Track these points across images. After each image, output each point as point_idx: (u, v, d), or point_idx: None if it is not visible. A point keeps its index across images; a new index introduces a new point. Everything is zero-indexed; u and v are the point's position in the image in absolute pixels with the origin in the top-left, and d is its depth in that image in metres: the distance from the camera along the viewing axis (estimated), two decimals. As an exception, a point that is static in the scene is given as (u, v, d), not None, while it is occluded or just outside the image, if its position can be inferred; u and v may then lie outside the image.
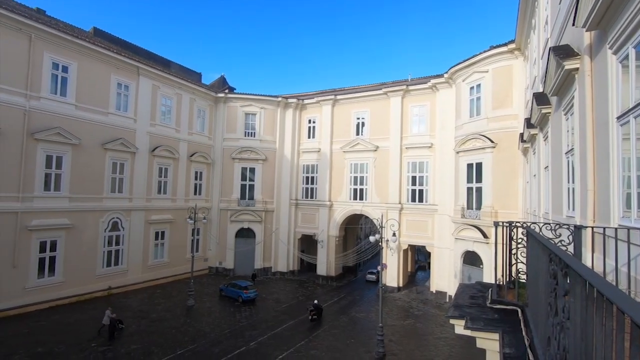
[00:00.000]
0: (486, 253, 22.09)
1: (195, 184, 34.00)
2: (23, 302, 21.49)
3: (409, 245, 30.86)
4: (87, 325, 19.97)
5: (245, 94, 35.84)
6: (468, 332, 5.65)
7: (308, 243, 36.29)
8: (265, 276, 34.13)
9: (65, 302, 23.29)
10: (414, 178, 30.34)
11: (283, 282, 32.66)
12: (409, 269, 35.88)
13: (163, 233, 30.77)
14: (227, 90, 36.94)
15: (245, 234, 34.58)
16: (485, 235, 22.12)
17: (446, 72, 27.46)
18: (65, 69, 23.83)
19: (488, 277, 21.17)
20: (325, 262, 33.55)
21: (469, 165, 24.32)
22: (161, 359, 16.41)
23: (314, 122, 35.97)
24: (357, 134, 33.42)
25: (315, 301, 24.11)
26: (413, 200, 30.19)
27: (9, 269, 20.96)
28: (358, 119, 33.57)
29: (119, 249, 27.25)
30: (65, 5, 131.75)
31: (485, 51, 23.54)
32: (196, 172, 34.03)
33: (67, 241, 23.82)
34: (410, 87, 30.64)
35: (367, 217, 34.38)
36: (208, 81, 42.22)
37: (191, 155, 33.11)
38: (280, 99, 35.60)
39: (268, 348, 18.15)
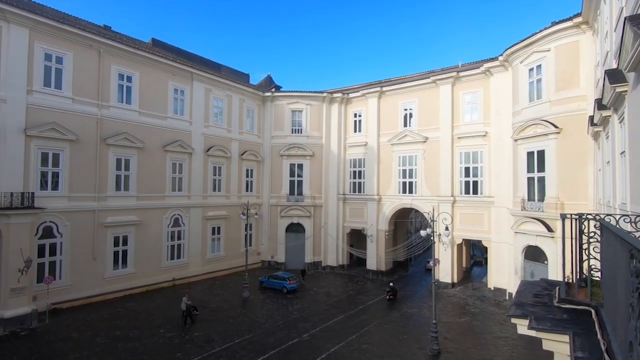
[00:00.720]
0: (551, 248, 20.40)
1: (247, 181, 35.44)
2: (103, 290, 24.05)
3: (463, 239, 29.48)
4: (156, 313, 21.83)
5: (291, 91, 36.47)
6: (532, 333, 5.28)
7: (357, 237, 36.20)
8: (315, 270, 34.71)
9: (136, 291, 25.64)
10: (467, 169, 28.85)
11: (333, 276, 32.97)
12: (464, 265, 34.33)
13: (219, 228, 32.55)
14: (273, 89, 37.88)
15: (295, 228, 35.38)
16: (549, 229, 20.44)
17: (501, 55, 25.64)
18: (129, 79, 26.01)
19: (554, 274, 19.57)
20: (375, 257, 33.24)
21: (530, 154, 22.55)
22: (221, 347, 17.43)
23: (359, 116, 35.61)
24: (405, 125, 32.50)
25: (391, 283, 26.75)
26: (467, 192, 28.74)
27: (90, 260, 23.55)
28: (405, 110, 32.61)
29: (181, 244, 29.35)
30: (129, 20, 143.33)
31: (546, 28, 21.55)
32: (247, 170, 35.44)
33: (136, 236, 26.16)
34: (461, 74, 29.06)
35: (417, 211, 33.43)
36: (255, 81, 43.58)
37: (242, 154, 34.53)
38: (325, 94, 35.72)
39: (320, 340, 18.48)
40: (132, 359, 15.98)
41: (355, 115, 35.97)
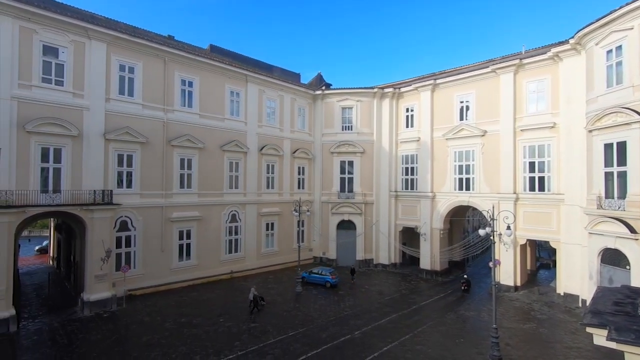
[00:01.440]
0: (635, 251, 18.17)
1: (299, 179, 36.22)
2: (170, 280, 26.19)
3: (528, 240, 27.33)
4: (216, 303, 23.27)
5: (341, 88, 36.46)
6: (612, 345, 4.78)
7: (410, 235, 35.29)
8: (366, 268, 34.49)
9: (198, 282, 27.52)
10: (531, 164, 26.66)
11: (385, 275, 32.51)
12: (528, 267, 31.87)
13: (272, 224, 33.72)
14: (323, 87, 38.20)
15: (346, 225, 35.44)
16: (632, 230, 18.19)
17: (572, 38, 23.24)
18: (190, 84, 27.88)
19: (638, 280, 17.42)
20: (429, 256, 32.13)
21: (607, 146, 20.22)
22: (276, 338, 18.09)
23: (412, 111, 34.55)
24: (461, 119, 30.89)
25: (465, 275, 28.16)
26: (532, 189, 26.58)
27: (159, 252, 25.75)
28: (461, 102, 30.97)
29: (238, 238, 30.91)
30: (189, 29, 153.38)
31: (628, 3, 19.08)
32: (299, 168, 36.21)
33: (198, 230, 28.06)
34: (525, 61, 26.84)
35: (474, 209, 31.68)
36: (306, 80, 44.27)
37: (294, 152, 35.35)
38: (376, 89, 35.20)
39: (372, 339, 18.37)
40: (196, 344, 17.22)
41: (407, 110, 34.97)
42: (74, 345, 16.91)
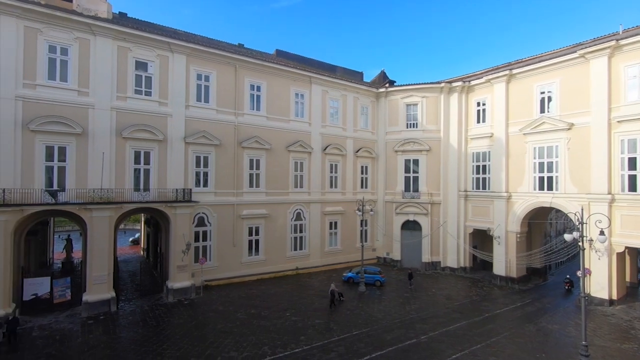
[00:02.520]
0: None
1: (362, 178, 36.07)
2: (241, 273, 27.96)
3: (627, 247, 23.78)
4: (283, 297, 24.24)
5: (405, 85, 35.43)
6: None
7: (481, 238, 33.00)
8: (433, 270, 33.09)
9: (266, 276, 28.95)
10: (632, 160, 23.12)
11: (454, 279, 30.84)
12: (628, 279, 27.74)
13: (336, 223, 34.07)
14: (387, 85, 37.46)
15: (411, 226, 34.39)
16: None
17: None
18: (258, 88, 29.41)
19: None
20: (504, 261, 29.68)
21: None
22: (340, 336, 18.27)
23: (483, 105, 32.22)
24: (542, 111, 27.98)
25: (567, 275, 28.18)
26: (632, 189, 23.05)
27: (231, 247, 27.64)
28: (542, 93, 28.05)
29: (302, 236, 31.83)
30: (258, 36, 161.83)
31: None
32: (362, 167, 36.06)
33: (265, 228, 29.52)
34: (623, 42, 23.36)
35: (558, 211, 28.48)
36: (369, 78, 43.81)
37: (357, 151, 35.30)
38: (443, 84, 33.54)
39: (440, 345, 17.59)
40: (264, 335, 18.15)
41: (478, 104, 32.70)
42: (161, 327, 18.95)
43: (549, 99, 27.68)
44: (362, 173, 36.12)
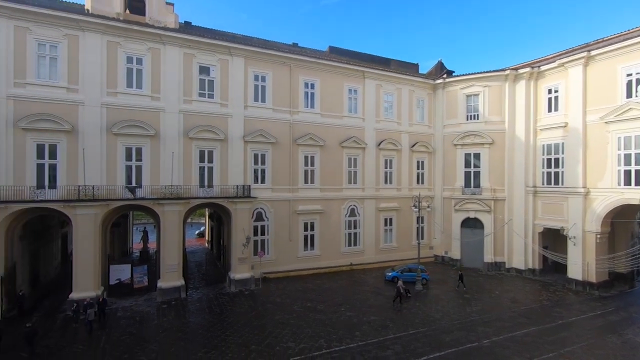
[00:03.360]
0: None
1: (418, 173, 34.97)
2: (297, 267, 28.78)
3: None
4: (337, 292, 24.50)
5: (465, 74, 33.47)
6: None
7: (553, 238, 30.16)
8: (496, 271, 31.06)
9: (321, 271, 29.44)
10: None
11: (520, 281, 28.66)
12: None
13: (391, 220, 33.48)
14: (445, 75, 35.69)
15: (471, 224, 32.58)
16: None
17: None
18: (312, 86, 29.84)
19: None
20: (580, 264, 26.83)
21: None
22: (395, 334, 18.01)
23: (555, 92, 29.28)
24: (629, 96, 24.66)
25: None
26: None
27: (287, 241, 28.54)
28: (629, 75, 24.69)
29: (357, 232, 31.80)
30: (311, 33, 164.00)
31: None
32: (418, 162, 34.93)
33: (320, 223, 29.99)
34: None
35: (650, 209, 24.96)
36: (425, 70, 42.12)
37: (412, 146, 34.26)
38: (507, 71, 31.10)
39: (505, 350, 16.52)
40: (320, 328, 18.53)
41: (549, 92, 29.79)
42: (224, 315, 20.26)
43: (638, 81, 24.32)
44: (418, 168, 35.00)
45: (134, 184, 23.29)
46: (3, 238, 19.25)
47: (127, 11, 24.58)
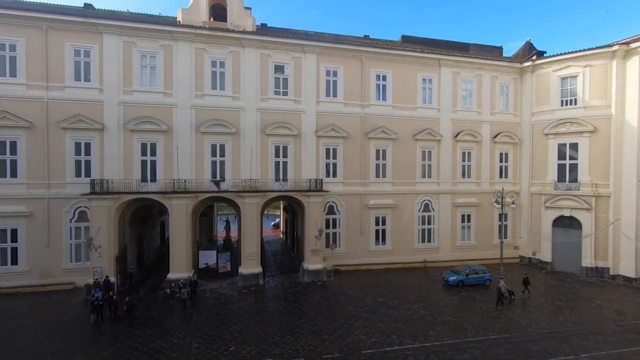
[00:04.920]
0: None
1: (501, 167, 32.16)
2: (368, 261, 28.74)
3: None
4: (410, 289, 23.89)
5: (560, 54, 29.57)
6: None
7: (675, 243, 25.33)
8: (598, 278, 27.18)
9: (393, 266, 28.94)
10: None
11: (629, 291, 24.69)
12: None
13: (469, 216, 31.41)
14: (534, 57, 31.96)
15: (566, 223, 28.94)
16: None
17: None
18: (384, 78, 29.23)
19: None
20: None
21: None
22: (474, 337, 16.97)
23: (682, 67, 24.29)
24: None
25: None
26: None
27: (358, 235, 28.63)
28: None
29: (431, 228, 30.53)
30: (383, 24, 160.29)
31: None
32: (501, 154, 32.10)
33: (392, 218, 29.45)
34: None
35: None
36: (509, 53, 38.31)
37: (494, 137, 31.58)
38: (615, 47, 26.68)
39: (608, 368, 14.48)
40: (392, 324, 18.30)
41: (673, 68, 24.85)
42: (298, 303, 21.19)
43: None
44: (501, 161, 32.16)
45: (218, 178, 25.51)
46: (117, 224, 22.69)
47: (211, 19, 26.77)
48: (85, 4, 28.26)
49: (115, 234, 22.43)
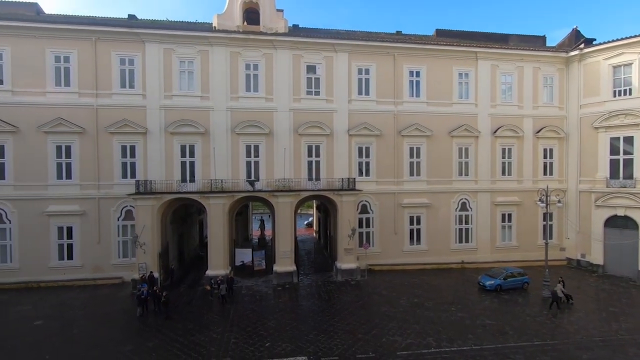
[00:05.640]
0: None
1: (545, 163, 30.36)
2: (402, 261, 28.24)
3: None
4: (447, 290, 23.19)
5: (612, 41, 27.36)
6: None
7: None
8: (658, 283, 24.94)
9: (428, 267, 28.21)
10: None
11: (696, 298, 22.42)
12: None
13: (510, 215, 29.95)
14: (582, 45, 29.82)
15: (620, 223, 26.76)
16: None
17: None
18: (417, 74, 28.55)
19: None
20: None
21: None
22: (516, 343, 16.17)
23: None
24: None
25: None
26: None
27: (392, 234, 28.21)
28: None
29: (468, 228, 29.45)
30: (417, 19, 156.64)
31: None
32: (544, 150, 30.30)
33: (427, 217, 28.73)
34: None
35: None
36: (554, 42, 36.01)
37: (538, 131, 29.87)
38: (677, 31, 24.27)
39: (671, 382, 13.25)
40: (429, 326, 17.85)
41: None
42: (332, 302, 21.25)
43: None
44: (545, 157, 30.35)
45: (252, 178, 26.14)
46: (160, 222, 23.91)
47: (245, 23, 27.44)
48: (129, 15, 29.95)
49: (158, 232, 23.64)
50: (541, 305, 20.93)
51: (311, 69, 27.19)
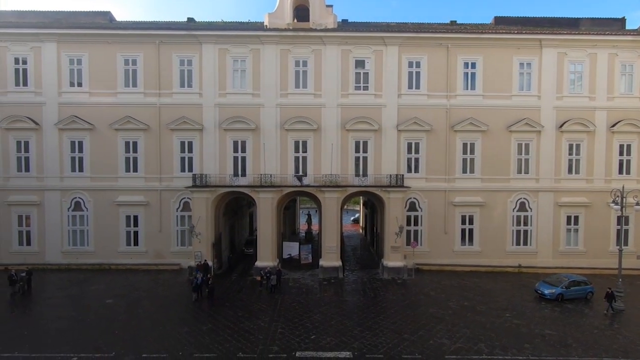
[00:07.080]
0: None
1: (620, 161, 27.26)
2: (452, 262, 27.12)
3: None
4: (501, 295, 21.86)
5: None
6: None
7: None
8: None
9: (481, 269, 26.77)
10: None
11: None
12: None
13: (576, 218, 27.37)
14: (671, 26, 26.21)
15: None
16: None
17: None
18: (473, 65, 27.02)
19: None
20: None
21: None
22: (581, 357, 14.81)
23: None
24: None
25: None
26: None
27: (442, 234, 27.17)
28: None
29: (527, 230, 27.43)
30: (473, 6, 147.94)
31: None
32: (621, 146, 27.20)
33: (480, 217, 27.25)
34: None
35: None
36: (635, 25, 31.95)
37: (612, 125, 26.87)
38: None
39: None
40: (480, 331, 16.97)
41: None
42: (378, 299, 21.05)
43: None
44: (621, 154, 27.23)
45: (300, 173, 26.61)
46: (213, 214, 25.30)
47: (295, 20, 27.83)
48: (188, 18, 31.81)
49: (212, 223, 25.05)
50: (611, 317, 18.95)
51: (360, 63, 26.89)
